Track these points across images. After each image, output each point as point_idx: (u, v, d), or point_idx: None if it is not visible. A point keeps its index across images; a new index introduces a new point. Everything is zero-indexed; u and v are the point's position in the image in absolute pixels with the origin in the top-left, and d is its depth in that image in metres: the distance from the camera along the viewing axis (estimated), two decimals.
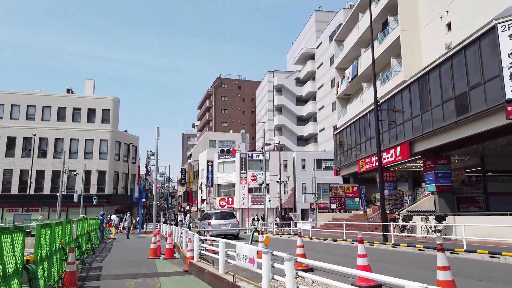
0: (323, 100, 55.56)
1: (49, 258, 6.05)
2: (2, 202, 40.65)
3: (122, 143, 46.23)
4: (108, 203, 42.74)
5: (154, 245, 12.20)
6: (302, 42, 63.15)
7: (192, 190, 56.92)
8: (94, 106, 44.92)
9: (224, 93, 70.74)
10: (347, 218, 28.52)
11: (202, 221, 21.96)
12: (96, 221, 17.79)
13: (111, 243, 19.15)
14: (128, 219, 27.12)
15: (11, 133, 41.93)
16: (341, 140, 32.22)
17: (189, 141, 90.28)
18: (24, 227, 4.39)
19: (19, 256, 4.19)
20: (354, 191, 29.89)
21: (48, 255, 5.98)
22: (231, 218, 20.54)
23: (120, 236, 26.67)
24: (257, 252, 5.95)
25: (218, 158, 48.74)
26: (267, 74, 63.34)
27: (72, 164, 41.17)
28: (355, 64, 29.57)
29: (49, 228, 6.01)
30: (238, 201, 46.33)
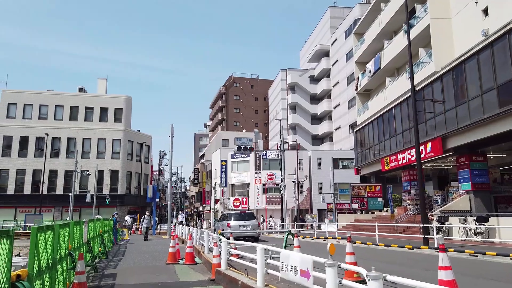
0: (338, 98, 53.94)
1: (51, 268, 4.80)
2: (15, 202, 40.03)
3: (134, 143, 45.33)
4: (121, 204, 41.84)
5: (173, 249, 10.94)
6: (316, 39, 61.62)
7: (205, 190, 55.78)
8: (106, 105, 44.11)
9: (237, 92, 69.53)
10: (370, 219, 26.95)
11: (220, 222, 20.68)
12: (109, 222, 16.65)
13: (124, 245, 18.00)
14: (147, 218, 23.69)
15: (24, 133, 41.33)
16: (361, 137, 30.68)
17: (201, 141, 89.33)
18: (11, 230, 3.12)
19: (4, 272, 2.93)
20: (377, 190, 28.32)
21: (50, 265, 4.74)
22: (251, 219, 19.22)
23: (134, 238, 25.56)
24: (312, 262, 4.62)
25: (232, 158, 47.51)
26: (280, 72, 61.96)
27: (84, 164, 40.39)
28: (377, 57, 28.03)
29: (51, 231, 4.76)
30: (253, 201, 45.02)
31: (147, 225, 23.36)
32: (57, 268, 5.23)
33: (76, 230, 7.25)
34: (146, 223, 23.45)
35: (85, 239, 8.52)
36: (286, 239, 8.62)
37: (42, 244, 4.25)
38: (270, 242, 18.60)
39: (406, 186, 25.48)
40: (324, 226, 19.44)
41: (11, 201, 39.90)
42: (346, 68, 51.71)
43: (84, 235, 8.40)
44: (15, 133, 41.13)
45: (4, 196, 39.93)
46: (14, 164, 40.72)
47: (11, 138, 41.04)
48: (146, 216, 23.76)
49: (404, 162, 23.43)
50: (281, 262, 5.41)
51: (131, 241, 22.11)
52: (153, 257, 12.45)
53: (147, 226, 23.38)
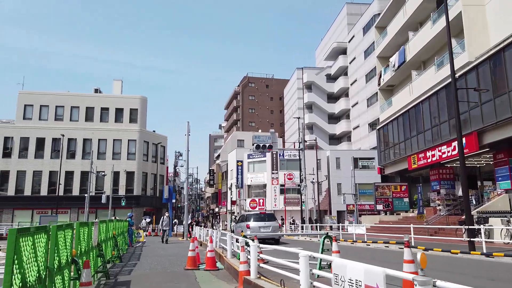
0: (356, 96, 52.37)
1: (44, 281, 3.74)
2: (32, 204, 39.77)
3: (150, 143, 44.70)
4: (136, 205, 41.19)
5: (193, 253, 9.85)
6: (333, 37, 60.15)
7: (221, 191, 54.82)
8: (121, 105, 43.62)
9: (252, 92, 68.52)
10: (396, 221, 25.45)
11: (238, 223, 19.57)
12: (124, 223, 15.73)
13: (140, 248, 17.05)
14: (166, 220, 21.00)
15: (40, 134, 41.12)
16: (385, 135, 29.18)
17: (216, 142, 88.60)
18: None
19: None
20: (403, 190, 26.78)
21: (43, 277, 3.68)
22: (271, 220, 18.03)
23: (150, 240, 24.64)
24: (384, 276, 3.44)
25: (248, 158, 46.46)
26: (296, 71, 60.68)
27: (100, 165, 39.91)
28: (402, 50, 26.54)
29: (43, 233, 3.69)
30: (270, 203, 43.85)
31: (166, 226, 20.91)
32: (55, 280, 4.18)
33: (82, 232, 6.22)
34: (165, 225, 20.96)
35: (95, 243, 7.50)
36: (323, 244, 7.43)
37: (28, 252, 3.18)
38: (293, 245, 17.38)
39: (435, 185, 23.91)
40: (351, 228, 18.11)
41: (28, 202, 39.67)
42: (364, 65, 50.15)
43: (94, 238, 7.39)
44: (31, 135, 40.94)
45: (21, 198, 39.73)
46: (31, 165, 40.51)
47: (28, 140, 40.87)
48: (165, 217, 21.15)
49: (434, 159, 21.91)
50: (335, 274, 4.24)
51: (147, 243, 21.19)
52: (171, 262, 11.39)
53: (165, 229, 20.81)
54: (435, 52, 23.79)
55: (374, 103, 47.58)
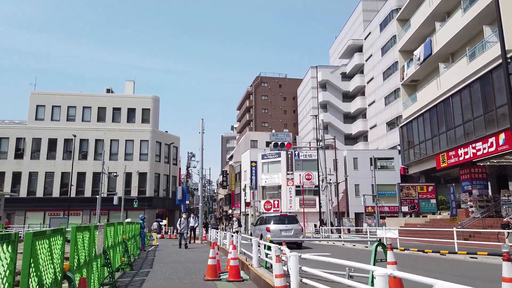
0: (373, 95, 50.64)
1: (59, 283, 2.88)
2: (44, 205, 39.08)
3: (162, 144, 43.72)
4: (149, 207, 40.18)
5: (213, 261, 8.53)
6: (348, 35, 58.52)
7: (234, 193, 53.56)
8: (134, 105, 42.76)
9: (265, 92, 67.21)
10: (424, 224, 23.78)
11: (257, 226, 18.20)
12: (135, 225, 14.52)
13: (153, 252, 15.82)
14: (184, 222, 18.14)
15: (52, 135, 40.47)
16: (409, 133, 27.52)
17: (228, 143, 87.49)
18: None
19: None
20: (429, 191, 25.09)
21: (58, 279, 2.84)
22: (293, 223, 16.63)
23: (163, 243, 23.44)
24: None
25: (262, 158, 45.14)
26: (310, 70, 59.18)
27: (112, 166, 39.04)
28: (428, 42, 24.89)
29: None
30: (285, 204, 42.39)
31: (184, 229, 18.08)
32: None
33: (82, 239, 4.94)
34: (183, 227, 18.07)
35: (100, 250, 6.25)
36: (375, 253, 6.05)
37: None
38: (317, 250, 15.95)
39: (466, 185, 22.21)
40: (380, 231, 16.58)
41: (40, 204, 38.99)
42: (381, 62, 48.44)
43: (99, 244, 6.13)
44: (43, 135, 40.32)
45: (33, 199, 39.08)
46: (43, 166, 39.86)
47: (40, 141, 40.25)
48: (183, 219, 18.23)
49: (467, 157, 20.23)
50: None
51: (160, 246, 19.98)
52: (187, 270, 10.10)
53: (184, 232, 18.08)
54: (466, 42, 22.13)
55: (393, 101, 45.84)
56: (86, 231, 5.21)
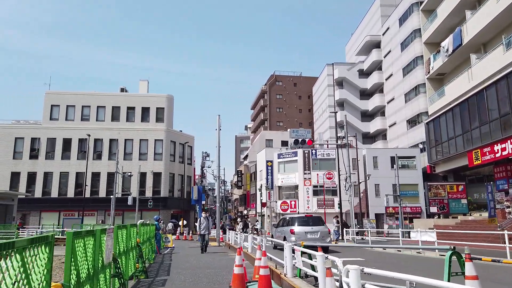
0: (392, 92, 48.85)
1: None
2: (59, 206, 38.62)
3: (177, 143, 42.87)
4: (164, 207, 39.35)
5: (240, 269, 7.35)
6: (365, 31, 56.82)
7: (249, 193, 52.41)
8: (148, 104, 42.05)
9: (279, 90, 65.89)
10: (455, 225, 22.17)
11: (279, 227, 16.94)
12: (151, 227, 13.46)
13: (169, 256, 14.75)
14: (204, 222, 15.65)
15: (67, 134, 40.02)
16: (436, 129, 25.92)
17: (242, 143, 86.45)
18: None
19: None
20: (460, 191, 23.45)
21: None
22: (319, 225, 15.33)
23: (179, 244, 22.40)
24: None
25: (278, 158, 43.90)
26: (326, 67, 57.66)
27: (126, 166, 38.33)
28: (457, 32, 23.30)
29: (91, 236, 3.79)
30: (302, 205, 41.03)
31: (205, 231, 15.61)
32: None
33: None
34: (203, 228, 15.58)
35: (108, 258, 5.14)
36: (450, 263, 4.80)
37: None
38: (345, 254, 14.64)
39: (501, 184, 20.53)
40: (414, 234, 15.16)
41: (55, 204, 38.54)
42: (401, 58, 46.64)
43: (108, 252, 5.02)
44: (58, 135, 39.90)
45: (48, 200, 38.65)
46: (58, 166, 39.42)
47: (54, 141, 39.83)
48: (202, 218, 15.66)
49: (505, 154, 18.62)
50: None
51: (176, 249, 18.94)
52: (209, 277, 8.95)
53: (206, 233, 15.66)
54: (501, 30, 20.52)
55: (413, 98, 44.06)
56: (89, 236, 4.09)
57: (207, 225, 15.87)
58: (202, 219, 15.80)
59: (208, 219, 16.11)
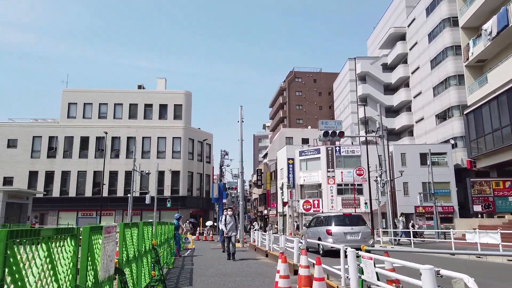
0: (419, 85, 46.27)
1: None
2: (77, 205, 37.70)
3: (195, 141, 41.45)
4: (183, 206, 37.94)
5: (286, 282, 5.59)
6: (388, 23, 54.29)
7: (269, 192, 50.61)
8: (165, 101, 40.79)
9: (299, 87, 63.84)
10: (503, 225, 19.86)
11: (312, 227, 15.07)
12: (170, 227, 11.81)
13: (190, 259, 13.10)
14: (231, 220, 12.66)
15: (84, 133, 39.11)
16: (477, 120, 23.56)
17: (260, 142, 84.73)
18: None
19: None
20: (507, 187, 21.07)
21: None
22: (359, 224, 13.41)
23: (199, 245, 20.77)
24: None
25: (300, 155, 41.97)
26: (348, 62, 55.37)
27: (144, 164, 37.09)
28: (502, 12, 20.93)
29: None
30: (326, 204, 38.99)
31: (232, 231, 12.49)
32: None
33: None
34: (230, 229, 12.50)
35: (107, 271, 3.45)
36: None
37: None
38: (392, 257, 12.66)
39: None
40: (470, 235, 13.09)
41: (73, 204, 37.64)
42: (429, 50, 44.05)
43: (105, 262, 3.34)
44: (75, 134, 39.04)
45: (66, 199, 37.78)
46: (75, 165, 38.54)
47: (72, 139, 38.98)
48: (228, 217, 12.71)
49: None
50: None
51: (197, 250, 17.31)
52: (239, 286, 7.20)
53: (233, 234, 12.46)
54: None
55: (443, 91, 41.45)
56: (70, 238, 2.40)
57: (234, 225, 12.66)
58: (228, 218, 12.59)
59: (234, 217, 12.87)
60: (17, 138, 38.39)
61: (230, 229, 12.59)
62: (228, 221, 12.70)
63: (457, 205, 38.58)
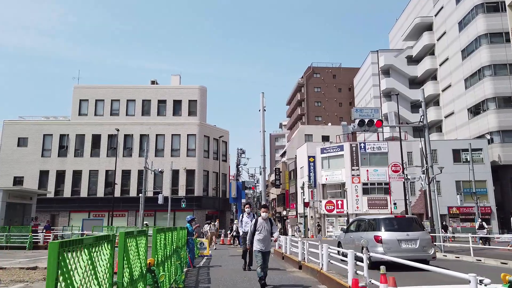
0: (449, 78, 42.94)
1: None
2: (88, 206, 35.81)
3: (211, 138, 39.15)
4: (198, 207, 35.67)
5: None
6: (412, 14, 50.98)
7: (288, 192, 47.96)
8: (179, 97, 38.64)
9: (317, 83, 60.96)
10: None
11: (351, 233, 12.38)
12: (180, 232, 9.39)
13: (206, 270, 10.66)
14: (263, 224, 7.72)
15: (96, 130, 37.28)
16: None
17: (277, 142, 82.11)
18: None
19: None
20: None
21: None
22: (415, 229, 10.67)
23: (217, 253, 18.32)
24: None
25: (322, 153, 39.19)
26: (370, 55, 52.27)
27: (158, 163, 34.92)
28: None
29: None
30: (351, 205, 36.09)
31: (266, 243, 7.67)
32: None
33: None
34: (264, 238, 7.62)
35: None
36: None
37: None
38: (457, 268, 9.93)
39: None
40: None
41: (84, 204, 35.79)
42: (459, 39, 40.75)
43: None
44: (87, 131, 37.23)
45: (78, 199, 35.97)
46: (87, 164, 36.70)
47: (83, 137, 37.19)
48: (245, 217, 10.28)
49: None
50: None
51: (214, 258, 14.87)
52: None
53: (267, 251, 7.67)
54: None
55: (476, 82, 38.12)
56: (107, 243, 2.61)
57: (269, 233, 7.99)
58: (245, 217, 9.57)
59: (270, 222, 8.14)
60: (28, 136, 36.83)
61: (263, 239, 7.52)
62: (260, 225, 7.58)
63: (494, 205, 35.24)
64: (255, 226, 7.69)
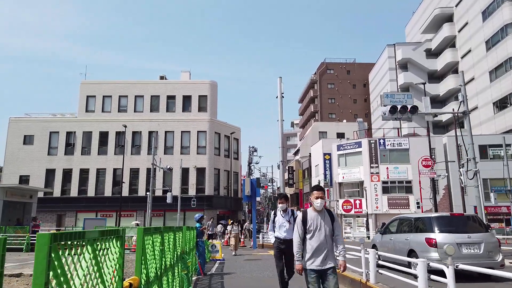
0: (471, 71, 40.44)
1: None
2: (96, 206, 34.31)
3: (221, 135, 37.36)
4: (209, 207, 33.88)
5: None
6: (430, 6, 48.50)
7: (302, 191, 45.91)
8: (189, 92, 36.95)
9: (331, 79, 58.75)
10: None
11: (392, 235, 10.35)
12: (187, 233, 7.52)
13: (219, 279, 8.81)
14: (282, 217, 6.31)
15: (103, 127, 35.80)
16: None
17: (289, 141, 79.99)
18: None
19: None
20: None
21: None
22: (477, 230, 8.64)
23: (231, 257, 16.41)
24: None
25: (338, 150, 37.04)
26: (386, 49, 49.91)
27: (167, 161, 33.27)
28: None
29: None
30: (370, 204, 33.87)
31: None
32: None
33: None
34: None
35: None
36: None
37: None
38: None
39: None
40: None
41: (92, 204, 34.28)
42: (483, 29, 38.28)
43: None
44: (94, 129, 35.77)
45: (85, 199, 34.48)
46: (94, 163, 35.23)
47: (91, 134, 35.74)
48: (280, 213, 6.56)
49: None
50: None
51: (227, 262, 13.00)
52: None
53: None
54: None
55: (502, 75, 35.65)
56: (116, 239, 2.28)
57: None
58: (279, 216, 6.44)
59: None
60: (34, 134, 35.52)
61: (319, 248, 4.39)
62: (313, 222, 4.51)
63: None
64: (304, 224, 4.47)
